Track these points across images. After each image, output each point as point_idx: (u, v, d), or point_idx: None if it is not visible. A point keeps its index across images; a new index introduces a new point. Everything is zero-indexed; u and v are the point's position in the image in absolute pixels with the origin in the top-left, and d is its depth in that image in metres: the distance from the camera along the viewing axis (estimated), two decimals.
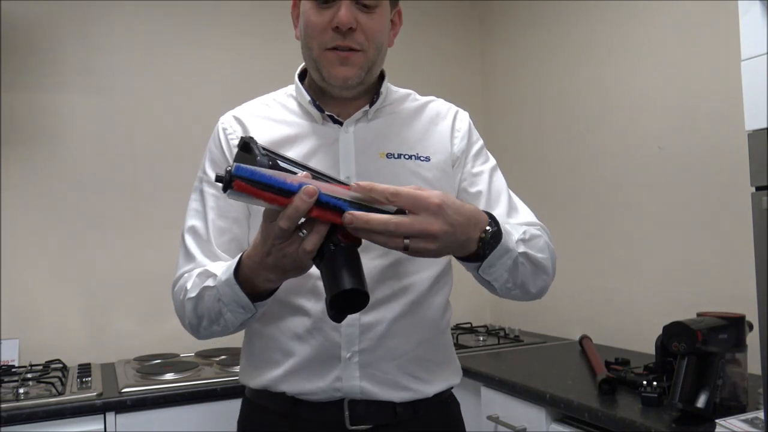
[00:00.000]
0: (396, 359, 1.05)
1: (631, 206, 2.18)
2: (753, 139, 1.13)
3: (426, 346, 1.09)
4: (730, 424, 1.24)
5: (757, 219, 1.11)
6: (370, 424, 1.03)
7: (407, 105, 1.17)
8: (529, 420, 1.70)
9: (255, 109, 1.16)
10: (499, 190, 1.14)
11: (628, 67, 2.19)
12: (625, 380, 1.64)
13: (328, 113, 1.09)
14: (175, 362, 2.15)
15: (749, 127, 1.14)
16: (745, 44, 1.16)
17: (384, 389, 1.04)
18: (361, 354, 1.03)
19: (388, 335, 1.04)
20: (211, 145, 1.15)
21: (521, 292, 1.03)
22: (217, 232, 1.09)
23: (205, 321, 1.01)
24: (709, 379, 1.35)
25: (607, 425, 1.44)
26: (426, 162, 1.10)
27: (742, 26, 1.17)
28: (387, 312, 1.04)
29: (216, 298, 0.96)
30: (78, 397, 1.74)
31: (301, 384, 1.04)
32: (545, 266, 1.04)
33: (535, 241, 1.02)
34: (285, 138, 1.08)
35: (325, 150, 1.07)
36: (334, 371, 1.03)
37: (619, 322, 2.22)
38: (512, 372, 1.88)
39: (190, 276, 1.05)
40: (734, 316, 1.45)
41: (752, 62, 1.14)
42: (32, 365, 2.08)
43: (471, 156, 1.16)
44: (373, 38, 1.03)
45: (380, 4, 1.03)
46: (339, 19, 0.99)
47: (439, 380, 1.11)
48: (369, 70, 1.06)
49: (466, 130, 1.16)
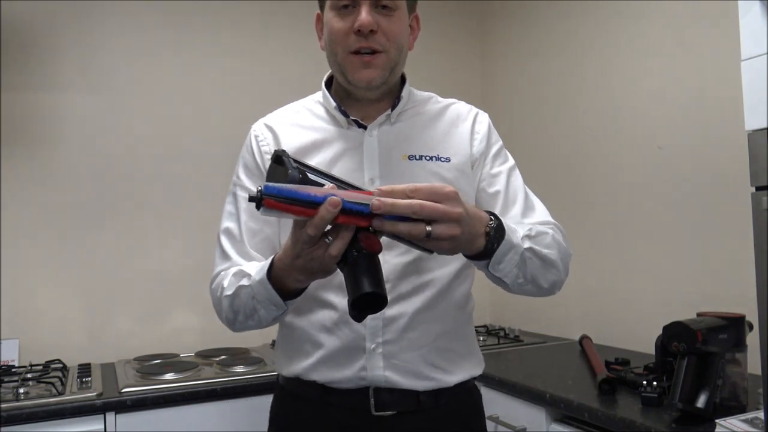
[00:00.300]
0: (418, 350, 1.10)
1: (631, 206, 2.18)
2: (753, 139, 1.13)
3: (447, 337, 1.14)
4: (730, 424, 1.24)
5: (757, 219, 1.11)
6: (393, 411, 1.09)
7: (429, 107, 1.22)
8: (529, 420, 1.70)
9: (285, 116, 1.22)
10: (516, 190, 1.18)
11: (628, 67, 2.19)
12: (625, 380, 1.64)
13: (352, 118, 1.15)
14: (175, 362, 2.15)
15: (749, 127, 1.14)
16: (745, 44, 1.16)
17: (407, 378, 1.10)
18: (385, 345, 1.09)
19: (410, 328, 1.10)
20: (244, 151, 1.22)
21: (534, 287, 1.07)
22: (249, 233, 1.16)
23: (240, 316, 1.09)
24: (709, 379, 1.35)
25: (607, 425, 1.44)
26: (446, 163, 1.15)
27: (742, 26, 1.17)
28: (409, 306, 1.10)
29: (251, 296, 1.04)
30: (78, 397, 1.74)
31: (329, 373, 1.10)
32: (553, 261, 1.07)
33: (541, 237, 1.06)
34: (312, 143, 1.15)
35: (350, 153, 1.14)
36: (359, 361, 1.09)
37: (619, 322, 2.22)
38: (512, 372, 1.88)
39: (227, 274, 1.12)
40: (734, 316, 1.45)
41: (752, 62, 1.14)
42: (32, 365, 2.08)
43: (490, 157, 1.20)
44: (394, 39, 1.09)
45: (399, 6, 1.09)
46: (360, 22, 1.05)
47: (461, 370, 1.15)
48: (392, 70, 1.12)
49: (485, 132, 1.21)
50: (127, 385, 1.84)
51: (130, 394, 1.79)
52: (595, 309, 2.34)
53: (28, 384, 1.84)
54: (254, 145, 1.19)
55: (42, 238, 2.27)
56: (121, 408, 1.76)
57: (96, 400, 1.74)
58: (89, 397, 1.74)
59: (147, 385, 1.86)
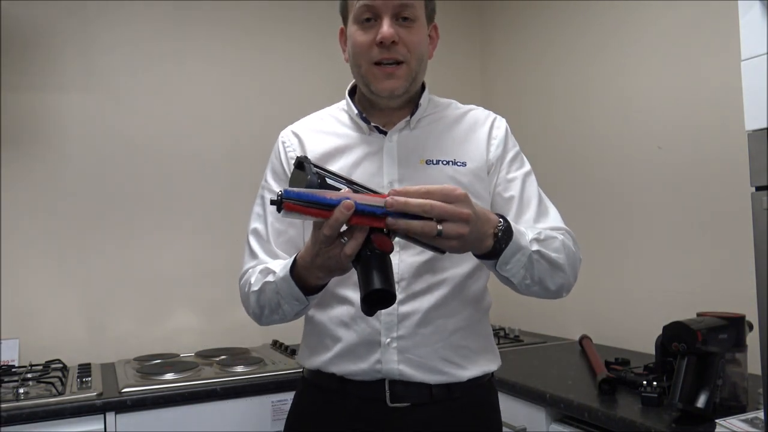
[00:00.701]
0: (431, 345, 1.15)
1: (631, 206, 2.18)
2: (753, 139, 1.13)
3: (461, 334, 1.18)
4: (730, 424, 1.24)
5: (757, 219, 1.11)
6: (408, 402, 1.14)
7: (448, 113, 1.27)
8: (529, 420, 1.70)
9: (311, 123, 1.29)
10: (530, 196, 1.22)
11: (628, 67, 2.19)
12: (625, 380, 1.64)
13: (374, 124, 1.21)
14: (175, 362, 2.15)
15: (749, 127, 1.14)
16: (745, 44, 1.16)
17: (420, 372, 1.14)
18: (399, 340, 1.14)
19: (423, 324, 1.15)
20: (272, 157, 1.28)
21: (541, 288, 1.11)
22: (275, 233, 1.23)
23: (266, 310, 1.15)
24: (709, 379, 1.35)
25: (607, 425, 1.44)
26: (462, 167, 1.19)
27: (742, 26, 1.17)
28: (423, 303, 1.15)
29: (275, 291, 1.10)
30: (78, 397, 1.74)
31: (347, 366, 1.16)
32: (561, 264, 1.11)
33: (549, 241, 1.10)
34: (336, 148, 1.21)
35: (371, 158, 1.20)
36: (374, 355, 1.14)
37: (619, 322, 2.22)
38: (512, 372, 1.88)
39: (254, 272, 1.19)
40: (734, 316, 1.45)
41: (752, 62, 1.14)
42: (32, 365, 2.08)
43: (506, 162, 1.24)
44: (415, 50, 1.15)
45: (418, 17, 1.15)
46: (382, 35, 1.11)
47: (475, 366, 1.19)
48: (413, 80, 1.17)
49: (502, 137, 1.25)
50: (127, 385, 1.84)
51: (130, 394, 1.79)
52: (595, 309, 2.34)
53: (28, 384, 1.84)
54: (281, 150, 1.26)
55: (42, 238, 2.27)
56: (121, 408, 1.76)
57: (96, 400, 1.74)
58: (89, 397, 1.74)
59: (147, 385, 1.86)
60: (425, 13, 1.18)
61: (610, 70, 2.26)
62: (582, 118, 2.39)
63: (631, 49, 2.17)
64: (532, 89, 2.67)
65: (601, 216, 2.31)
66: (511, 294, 1.18)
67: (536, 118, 2.64)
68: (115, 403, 1.75)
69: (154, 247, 2.41)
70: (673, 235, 2.01)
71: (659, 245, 2.07)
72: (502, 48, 2.87)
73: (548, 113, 2.57)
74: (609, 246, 2.27)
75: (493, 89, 2.94)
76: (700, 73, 1.92)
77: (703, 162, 1.91)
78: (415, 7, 1.14)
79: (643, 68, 2.12)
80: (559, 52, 2.51)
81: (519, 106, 2.76)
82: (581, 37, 2.40)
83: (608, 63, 2.27)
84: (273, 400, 1.90)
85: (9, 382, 1.89)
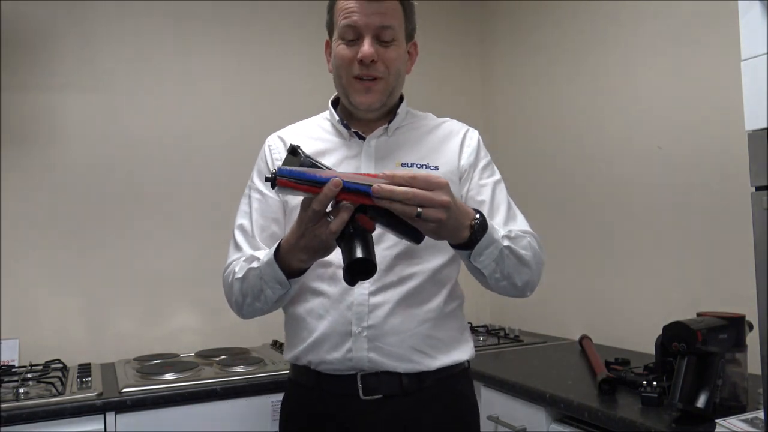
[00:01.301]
0: (399, 335, 1.21)
1: (631, 206, 2.18)
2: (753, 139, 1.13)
3: (429, 325, 1.24)
4: (730, 424, 1.24)
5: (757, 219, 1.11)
6: (379, 394, 1.21)
7: (424, 123, 1.37)
8: (529, 420, 1.70)
9: (296, 129, 1.39)
10: (500, 201, 1.31)
11: (628, 67, 2.19)
12: (625, 380, 1.64)
13: (353, 130, 1.30)
14: (175, 362, 2.15)
15: (749, 127, 1.14)
16: (745, 44, 1.16)
17: (389, 360, 1.21)
18: (369, 329, 1.21)
19: (392, 314, 1.21)
20: (259, 160, 1.37)
21: (509, 284, 1.19)
22: (259, 228, 1.30)
23: (248, 298, 1.22)
24: (709, 379, 1.35)
25: (607, 425, 1.44)
26: (435, 171, 1.26)
27: (742, 26, 1.16)
28: (393, 294, 1.22)
29: (258, 276, 1.17)
30: (78, 397, 1.74)
31: (320, 355, 1.23)
32: (528, 261, 1.19)
33: (519, 239, 1.19)
34: (318, 151, 1.29)
35: (350, 160, 1.29)
36: (346, 344, 1.21)
37: (619, 322, 2.22)
38: (512, 372, 1.88)
39: (238, 262, 1.26)
40: (734, 316, 1.45)
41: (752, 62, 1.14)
42: (32, 365, 2.09)
43: (478, 170, 1.33)
44: (393, 67, 1.24)
45: (397, 38, 1.24)
46: (363, 54, 1.20)
47: (445, 356, 1.25)
48: (390, 94, 1.27)
49: (474, 147, 1.34)
50: (127, 385, 1.84)
51: (130, 394, 1.79)
52: (595, 309, 2.34)
53: (28, 384, 1.84)
54: (268, 154, 1.35)
55: (42, 238, 2.27)
56: (121, 408, 1.76)
57: (96, 400, 1.74)
58: (89, 397, 1.74)
59: (147, 385, 1.86)
60: (405, 33, 1.28)
61: (611, 70, 2.26)
62: (582, 118, 2.39)
63: (631, 49, 2.17)
64: (532, 90, 2.67)
65: (601, 216, 2.31)
66: None
67: (536, 118, 2.64)
68: (115, 403, 1.75)
69: (155, 247, 2.41)
70: (673, 235, 2.01)
71: (659, 245, 2.07)
72: (502, 48, 2.87)
73: (548, 113, 2.57)
74: (609, 246, 2.27)
75: (494, 89, 2.94)
76: (700, 73, 1.92)
77: (703, 162, 1.91)
78: (395, 28, 1.23)
79: (643, 68, 2.12)
80: (558, 52, 2.51)
81: (519, 106, 2.76)
82: (581, 37, 2.39)
83: (609, 63, 2.27)
84: (273, 400, 1.90)
85: (9, 382, 1.89)
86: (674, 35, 2.01)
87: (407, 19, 1.28)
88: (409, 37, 1.31)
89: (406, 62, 1.30)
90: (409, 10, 1.28)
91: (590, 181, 2.36)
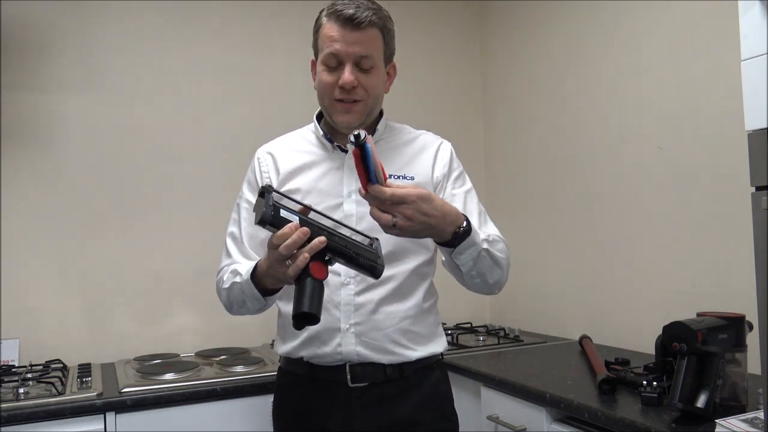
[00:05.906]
0: (383, 330, 1.35)
1: (631, 206, 2.18)
2: (753, 139, 1.13)
3: (409, 321, 1.38)
4: (730, 424, 1.23)
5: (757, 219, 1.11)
6: (366, 382, 1.35)
7: (401, 137, 1.48)
8: (529, 420, 1.70)
9: (283, 142, 1.50)
10: (472, 209, 1.44)
11: (628, 67, 2.19)
12: (625, 380, 1.64)
13: (337, 144, 1.42)
14: (175, 362, 2.15)
15: (749, 127, 1.14)
16: (745, 44, 1.15)
17: (374, 353, 1.35)
18: (356, 326, 1.35)
19: (376, 312, 1.35)
20: (249, 171, 1.50)
21: (482, 281, 1.33)
22: (248, 236, 1.44)
23: (235, 305, 1.39)
24: (709, 379, 1.35)
25: (607, 425, 1.44)
26: (410, 181, 1.39)
27: (742, 26, 1.16)
28: (375, 294, 1.36)
29: (241, 290, 1.32)
30: (78, 397, 1.75)
31: (313, 350, 1.36)
32: (501, 263, 1.34)
33: (496, 243, 1.35)
34: (304, 164, 1.42)
35: (333, 172, 1.41)
36: (336, 339, 1.34)
37: (619, 322, 2.22)
38: (512, 372, 1.88)
39: (226, 271, 1.41)
40: (734, 316, 1.45)
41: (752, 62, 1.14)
42: (32, 365, 2.09)
43: (451, 180, 1.46)
44: (372, 91, 1.36)
45: (376, 65, 1.35)
46: (343, 81, 1.31)
47: (423, 348, 1.40)
48: (368, 114, 1.39)
49: (447, 159, 1.47)
50: (127, 385, 1.84)
51: (130, 394, 1.79)
52: (595, 309, 2.34)
53: (28, 384, 1.84)
54: (257, 166, 1.47)
55: (42, 238, 2.27)
56: (121, 408, 1.76)
57: (96, 400, 1.74)
58: (89, 397, 1.75)
59: (147, 385, 1.86)
60: (384, 57, 1.37)
61: (611, 71, 2.26)
62: (582, 118, 2.39)
63: (631, 49, 2.17)
64: (532, 90, 2.67)
65: (601, 216, 2.31)
66: (511, 294, 1.20)
67: (536, 118, 2.64)
68: (115, 403, 1.76)
69: (155, 247, 2.41)
70: (673, 235, 2.01)
71: (659, 245, 2.07)
72: (502, 49, 2.87)
73: (548, 113, 2.57)
74: (609, 246, 2.27)
75: (493, 88, 2.94)
76: (700, 73, 1.92)
77: (703, 162, 1.91)
78: (373, 57, 1.33)
79: (643, 68, 2.12)
80: (558, 52, 2.51)
81: (519, 104, 2.76)
82: (581, 38, 2.40)
83: (608, 62, 2.27)
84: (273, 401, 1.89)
85: (9, 382, 1.89)
86: (674, 35, 2.01)
87: (386, 45, 1.37)
88: (388, 60, 1.40)
89: (384, 83, 1.41)
90: (387, 36, 1.38)
91: (589, 181, 2.36)
